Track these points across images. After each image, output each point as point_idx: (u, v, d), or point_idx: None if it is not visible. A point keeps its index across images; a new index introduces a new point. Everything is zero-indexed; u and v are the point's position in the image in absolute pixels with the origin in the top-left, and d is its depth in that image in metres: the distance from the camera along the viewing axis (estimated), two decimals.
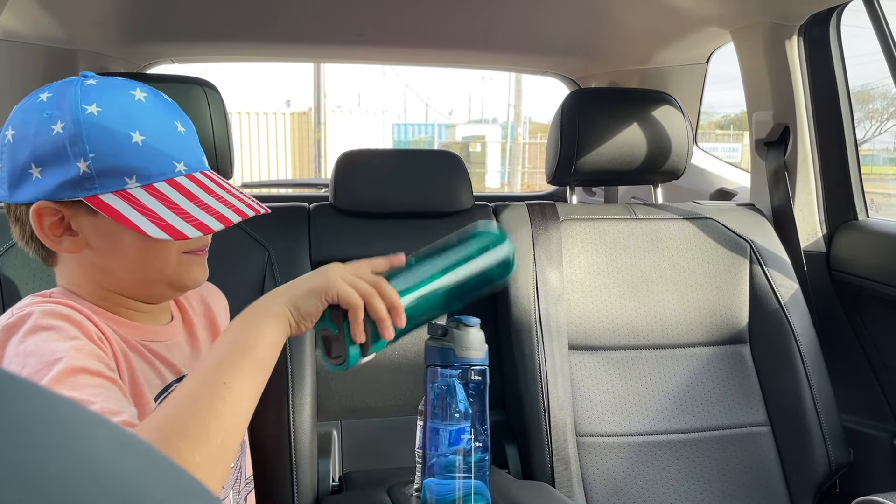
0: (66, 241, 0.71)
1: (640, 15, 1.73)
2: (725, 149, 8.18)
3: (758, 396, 1.37)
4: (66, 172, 0.67)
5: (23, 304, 0.71)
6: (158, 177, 0.70)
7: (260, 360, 0.65)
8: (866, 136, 6.95)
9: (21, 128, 0.69)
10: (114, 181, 0.68)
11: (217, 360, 0.64)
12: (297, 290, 0.69)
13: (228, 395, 0.61)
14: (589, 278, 1.38)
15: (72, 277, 0.75)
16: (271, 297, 0.69)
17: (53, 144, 0.67)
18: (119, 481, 0.19)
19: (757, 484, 1.31)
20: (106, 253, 0.72)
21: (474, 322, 0.80)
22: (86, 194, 0.67)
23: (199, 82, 1.29)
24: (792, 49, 1.48)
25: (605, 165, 1.48)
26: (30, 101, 0.71)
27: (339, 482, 1.21)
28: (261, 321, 0.67)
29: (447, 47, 2.15)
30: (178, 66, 2.20)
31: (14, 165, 0.69)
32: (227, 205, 0.72)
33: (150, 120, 0.70)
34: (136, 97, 0.71)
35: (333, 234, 1.34)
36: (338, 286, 0.68)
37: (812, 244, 1.53)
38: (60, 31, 1.67)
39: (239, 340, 0.65)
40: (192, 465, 0.57)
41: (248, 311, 0.68)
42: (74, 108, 0.67)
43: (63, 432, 0.19)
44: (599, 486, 1.25)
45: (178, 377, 0.79)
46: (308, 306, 0.68)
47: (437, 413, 0.79)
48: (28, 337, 0.65)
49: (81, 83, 0.70)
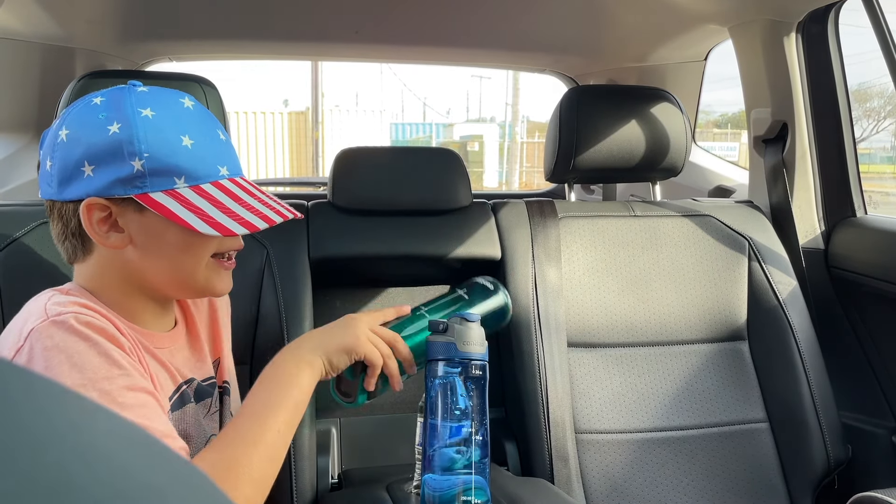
0: (114, 237, 0.74)
1: (638, 12, 1.73)
2: (723, 147, 8.19)
3: (756, 393, 1.37)
4: (119, 171, 0.70)
5: (43, 301, 0.71)
6: (205, 178, 0.74)
7: (296, 405, 0.76)
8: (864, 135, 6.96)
9: (76, 128, 0.72)
10: (164, 181, 0.71)
11: (261, 405, 0.75)
12: (331, 345, 0.80)
13: (270, 436, 0.72)
14: (588, 275, 1.38)
15: (97, 274, 0.77)
16: (309, 347, 0.80)
17: (109, 143, 0.70)
18: (118, 471, 0.19)
19: (756, 481, 1.31)
20: (147, 250, 0.75)
21: (475, 318, 0.81)
22: (137, 192, 0.71)
23: (196, 80, 1.29)
24: (790, 46, 1.48)
25: (604, 162, 1.48)
26: (82, 103, 0.73)
27: (339, 479, 1.21)
28: (301, 370, 0.78)
29: (444, 45, 2.15)
30: (177, 64, 2.20)
31: (66, 163, 0.71)
32: (268, 206, 0.77)
33: (197, 126, 0.75)
34: (185, 104, 0.75)
35: (332, 231, 1.34)
36: (365, 348, 0.81)
37: (810, 241, 1.53)
38: (58, 29, 1.67)
39: (280, 386, 0.76)
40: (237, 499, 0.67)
41: (287, 357, 0.79)
42: (131, 111, 0.71)
43: (61, 421, 0.19)
44: (598, 482, 1.25)
45: (185, 380, 0.82)
46: (339, 362, 0.81)
47: (437, 408, 0.79)
48: (65, 346, 0.66)
49: (133, 90, 0.74)
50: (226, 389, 0.93)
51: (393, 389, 0.86)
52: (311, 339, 0.81)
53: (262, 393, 0.76)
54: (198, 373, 0.86)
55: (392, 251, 1.34)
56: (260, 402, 0.75)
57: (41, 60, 1.73)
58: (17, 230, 1.08)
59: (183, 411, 0.80)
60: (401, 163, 1.43)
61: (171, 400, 0.78)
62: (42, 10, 1.54)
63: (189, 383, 0.82)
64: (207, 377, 0.88)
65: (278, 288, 1.21)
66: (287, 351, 0.80)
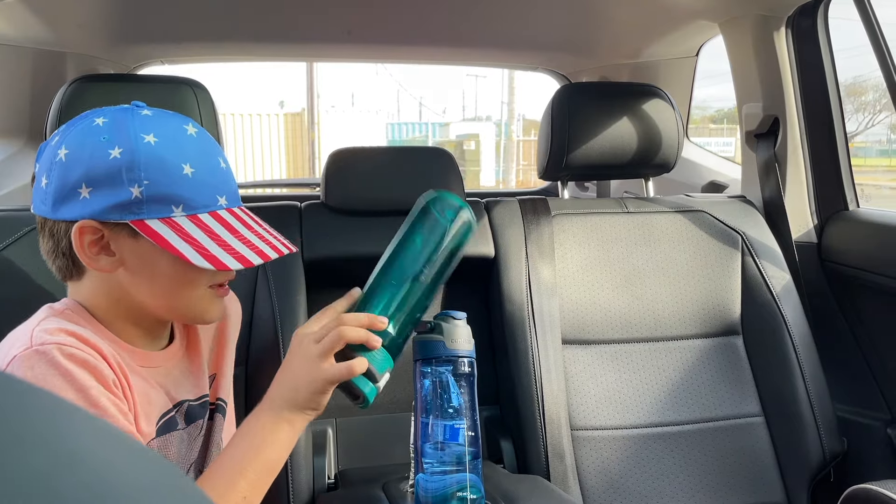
0: (104, 260, 0.73)
1: (630, 9, 1.73)
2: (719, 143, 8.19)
3: (751, 387, 1.37)
4: (117, 196, 0.69)
5: (32, 325, 0.71)
6: (203, 208, 0.73)
7: (270, 463, 0.74)
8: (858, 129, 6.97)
9: (76, 148, 0.70)
10: (161, 208, 0.71)
11: (230, 462, 0.73)
12: (303, 396, 0.74)
13: (235, 497, 0.70)
14: (581, 272, 1.39)
15: (90, 294, 0.76)
16: (286, 404, 0.74)
17: (109, 168, 0.69)
18: (99, 473, 0.19)
19: (751, 474, 1.31)
20: (139, 275, 0.74)
21: (461, 316, 0.81)
22: (133, 218, 0.70)
23: (187, 82, 1.29)
24: (780, 40, 1.48)
25: (596, 159, 1.49)
26: (83, 123, 0.72)
27: (335, 479, 1.21)
28: (279, 428, 0.74)
29: (437, 44, 2.15)
30: (168, 67, 2.20)
31: (63, 183, 0.70)
32: (264, 240, 0.76)
33: (199, 154, 0.74)
34: (188, 132, 0.75)
35: (325, 232, 1.34)
36: (329, 373, 0.73)
37: (803, 235, 1.53)
38: (48, 33, 1.67)
39: (252, 447, 0.73)
40: None
41: (266, 414, 0.74)
42: (133, 135, 0.70)
43: (43, 424, 0.19)
44: (594, 479, 1.26)
45: (174, 403, 0.80)
46: (320, 403, 0.75)
47: (428, 407, 0.79)
48: (43, 379, 0.65)
49: (137, 112, 0.73)
50: (219, 408, 0.91)
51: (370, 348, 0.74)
52: (283, 391, 0.75)
53: (235, 450, 0.74)
54: (192, 392, 0.85)
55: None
56: (231, 460, 0.73)
57: (32, 65, 1.73)
58: (8, 236, 1.08)
59: (167, 438, 0.79)
60: (393, 162, 1.43)
61: (157, 424, 0.77)
62: (33, 14, 1.54)
63: (179, 407, 0.81)
64: (201, 395, 0.87)
65: (272, 290, 1.21)
66: (266, 407, 0.75)
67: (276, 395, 0.75)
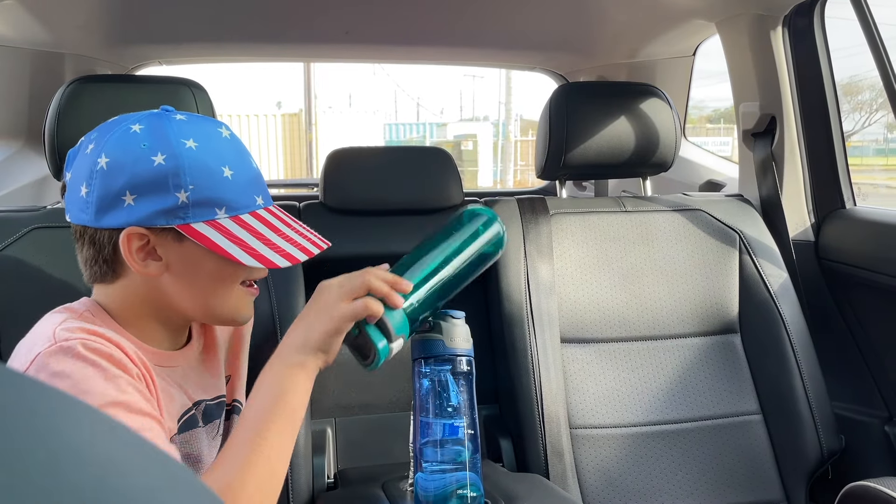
0: (152, 265, 0.74)
1: (627, 9, 1.74)
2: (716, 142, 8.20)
3: (749, 385, 1.37)
4: (163, 201, 0.70)
5: (53, 324, 0.70)
6: (244, 209, 0.75)
7: (292, 411, 0.73)
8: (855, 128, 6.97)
9: (118, 156, 0.71)
10: (206, 211, 0.72)
11: (253, 420, 0.72)
12: (315, 336, 0.73)
13: (263, 453, 0.69)
14: (580, 271, 1.39)
15: (119, 296, 0.77)
16: (295, 348, 0.74)
17: (154, 175, 0.70)
18: (105, 469, 0.19)
19: (750, 472, 1.32)
20: (182, 278, 0.75)
21: (460, 315, 0.81)
22: (179, 222, 0.71)
23: (185, 82, 1.29)
24: (777, 39, 1.49)
25: (594, 159, 1.49)
26: (119, 129, 0.72)
27: (335, 479, 1.21)
28: (293, 374, 0.73)
29: (434, 44, 2.15)
30: (166, 67, 2.20)
31: (106, 192, 0.71)
32: (303, 236, 0.78)
33: (235, 156, 0.76)
34: (223, 135, 0.76)
35: (324, 232, 1.33)
36: (344, 314, 0.72)
37: (800, 233, 1.54)
38: (47, 34, 1.67)
39: (271, 396, 0.72)
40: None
41: (276, 364, 0.74)
42: (175, 141, 0.71)
43: (51, 420, 0.20)
44: (593, 477, 1.26)
45: (193, 402, 0.81)
46: (332, 346, 0.74)
47: (427, 406, 0.79)
48: (72, 372, 0.65)
49: (171, 118, 0.74)
50: (236, 409, 0.92)
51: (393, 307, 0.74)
52: (295, 337, 0.75)
53: (253, 407, 0.73)
54: (209, 392, 0.85)
55: (384, 251, 1.34)
56: (252, 418, 0.72)
57: (30, 66, 1.73)
58: (8, 236, 1.08)
59: (190, 434, 0.80)
60: (392, 162, 1.43)
61: (179, 422, 0.78)
62: (31, 15, 1.54)
63: (197, 406, 0.82)
64: (218, 396, 0.87)
65: (271, 290, 1.21)
66: (276, 357, 0.75)
67: (287, 343, 0.75)
